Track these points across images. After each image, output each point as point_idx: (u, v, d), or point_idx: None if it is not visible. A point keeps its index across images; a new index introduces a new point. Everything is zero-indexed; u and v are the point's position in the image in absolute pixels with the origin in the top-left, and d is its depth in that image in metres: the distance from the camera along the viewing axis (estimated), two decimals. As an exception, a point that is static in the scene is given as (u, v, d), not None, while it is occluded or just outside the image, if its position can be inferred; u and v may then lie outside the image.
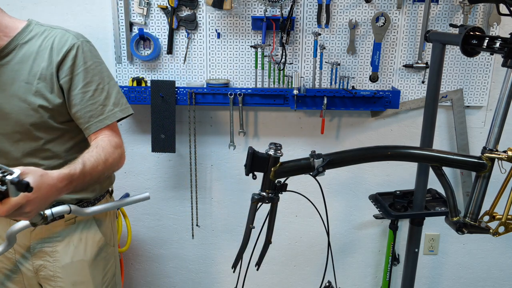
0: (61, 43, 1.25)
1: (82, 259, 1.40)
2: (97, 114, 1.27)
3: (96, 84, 1.28)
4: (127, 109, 1.36)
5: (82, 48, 1.27)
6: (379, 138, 2.14)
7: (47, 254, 1.38)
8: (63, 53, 1.24)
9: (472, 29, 1.36)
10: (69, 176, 1.08)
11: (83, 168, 1.13)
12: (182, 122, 2.11)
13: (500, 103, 1.25)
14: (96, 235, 1.43)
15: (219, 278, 2.39)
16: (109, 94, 1.31)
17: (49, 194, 1.02)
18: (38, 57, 1.24)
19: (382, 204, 1.85)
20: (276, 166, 1.22)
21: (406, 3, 1.94)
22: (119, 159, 1.28)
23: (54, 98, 1.25)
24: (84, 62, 1.26)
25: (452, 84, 2.04)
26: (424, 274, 2.36)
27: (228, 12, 1.95)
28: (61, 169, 1.08)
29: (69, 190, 1.10)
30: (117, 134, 1.32)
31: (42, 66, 1.23)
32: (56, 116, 1.27)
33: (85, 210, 1.33)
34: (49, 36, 1.26)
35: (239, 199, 2.25)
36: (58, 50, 1.24)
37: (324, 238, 1.36)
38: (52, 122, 1.27)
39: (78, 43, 1.27)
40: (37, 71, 1.23)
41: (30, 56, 1.24)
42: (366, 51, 1.99)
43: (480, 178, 1.27)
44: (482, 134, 2.11)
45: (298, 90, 1.93)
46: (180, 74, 2.04)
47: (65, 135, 1.32)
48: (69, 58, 1.24)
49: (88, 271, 1.42)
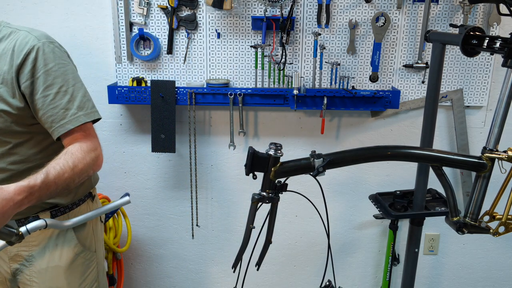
0: (21, 45, 1.18)
1: (57, 265, 1.37)
2: (59, 119, 1.21)
3: (58, 87, 1.21)
4: (94, 113, 1.28)
5: (43, 50, 1.20)
6: (379, 138, 2.14)
7: (23, 258, 1.35)
8: (22, 55, 1.17)
9: (472, 29, 1.36)
10: (28, 188, 1.04)
11: (45, 178, 1.08)
12: (182, 122, 2.11)
13: (500, 103, 1.25)
14: (72, 241, 1.39)
15: (219, 278, 2.39)
16: (73, 97, 1.23)
17: (6, 209, 0.99)
18: (1, 60, 1.19)
19: (382, 204, 1.85)
20: (276, 166, 1.22)
21: (406, 3, 1.94)
22: (93, 163, 1.23)
23: (16, 102, 1.19)
24: (44, 64, 1.20)
25: (452, 84, 2.04)
26: (424, 274, 2.36)
27: (228, 12, 1.95)
28: (19, 182, 1.04)
29: (31, 202, 1.06)
30: (90, 137, 1.26)
31: (4, 69, 1.18)
32: (20, 120, 1.23)
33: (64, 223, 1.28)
34: (13, 38, 1.20)
35: (239, 199, 2.25)
36: (18, 53, 1.18)
37: (324, 238, 1.36)
38: (16, 127, 1.23)
39: (38, 45, 1.19)
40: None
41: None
42: (366, 51, 1.99)
43: (480, 178, 1.27)
44: (482, 134, 2.11)
45: (298, 90, 1.93)
46: (180, 74, 2.04)
47: (33, 138, 1.28)
48: (29, 61, 1.18)
49: (63, 278, 1.39)
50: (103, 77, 2.06)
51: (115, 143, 2.16)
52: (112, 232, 2.06)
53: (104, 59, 2.05)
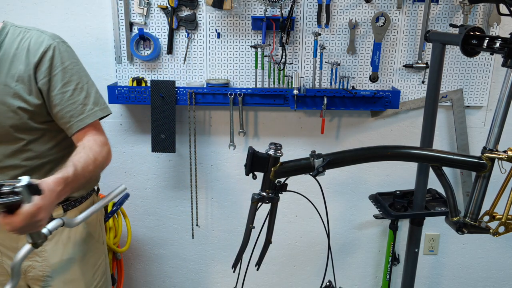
0: (37, 44, 1.24)
1: (72, 257, 1.40)
2: (78, 114, 1.27)
3: (75, 84, 1.28)
4: (106, 108, 1.36)
5: (59, 49, 1.26)
6: (379, 138, 2.14)
7: (35, 255, 1.37)
8: (39, 54, 1.23)
9: (472, 29, 1.36)
10: (63, 179, 1.09)
11: (75, 170, 1.14)
12: (182, 122, 2.11)
13: (500, 103, 1.25)
14: (84, 233, 1.43)
15: (219, 278, 2.39)
16: (88, 94, 1.30)
17: (53, 199, 1.04)
18: (15, 59, 1.23)
19: (382, 204, 1.85)
20: (276, 166, 1.22)
21: (406, 3, 1.94)
22: (107, 156, 1.30)
23: (33, 99, 1.24)
24: (61, 62, 1.26)
25: (452, 84, 2.04)
26: (424, 274, 2.36)
27: (228, 12, 1.95)
28: (54, 175, 1.08)
29: (66, 193, 1.12)
30: (101, 132, 1.33)
31: (20, 68, 1.22)
32: (36, 117, 1.27)
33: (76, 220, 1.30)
34: (25, 38, 1.25)
35: (239, 199, 2.25)
36: (35, 52, 1.23)
37: (324, 238, 1.36)
38: (32, 123, 1.27)
39: (54, 44, 1.25)
40: (15, 73, 1.22)
41: (7, 59, 1.23)
42: (366, 51, 1.99)
43: (480, 178, 1.27)
44: (482, 134, 2.11)
45: (298, 90, 1.93)
46: (180, 74, 2.03)
47: (46, 134, 1.32)
48: (46, 59, 1.23)
49: (78, 269, 1.42)
50: (103, 77, 2.06)
51: (115, 143, 2.15)
52: (112, 232, 2.06)
53: (104, 59, 2.05)
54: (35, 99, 1.24)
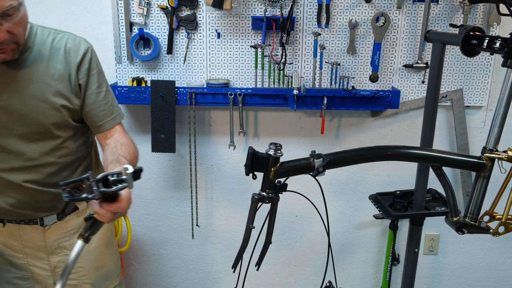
0: (75, 45, 1.31)
1: (99, 244, 1.47)
2: (109, 113, 1.38)
3: (106, 86, 1.39)
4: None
5: (93, 52, 1.37)
6: (379, 138, 2.14)
7: (65, 249, 1.41)
8: (80, 55, 1.31)
9: (472, 29, 1.36)
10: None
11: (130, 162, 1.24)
12: (182, 122, 2.11)
13: (500, 103, 1.25)
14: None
15: (219, 278, 2.39)
16: (113, 96, 1.43)
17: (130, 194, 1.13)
18: (52, 59, 1.27)
19: (382, 204, 1.85)
20: (276, 166, 1.22)
21: (406, 3, 1.94)
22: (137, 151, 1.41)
23: (74, 98, 1.31)
24: (96, 64, 1.36)
25: (452, 84, 2.04)
26: (424, 274, 2.36)
27: (228, 12, 1.95)
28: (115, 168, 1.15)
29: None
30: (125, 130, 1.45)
31: (59, 67, 1.27)
32: (74, 115, 1.33)
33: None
34: (58, 38, 1.30)
35: (239, 199, 2.25)
36: (75, 52, 1.30)
37: (324, 238, 1.36)
38: (70, 121, 1.33)
39: (90, 47, 1.36)
40: (54, 72, 1.27)
41: (43, 58, 1.26)
42: (366, 51, 1.99)
43: (480, 178, 1.27)
44: (482, 134, 2.11)
45: (298, 90, 1.93)
46: (180, 74, 2.03)
47: (78, 132, 1.38)
48: (86, 60, 1.32)
49: (106, 255, 1.51)
50: (103, 77, 2.06)
51: (115, 143, 2.15)
52: (112, 232, 2.06)
53: (104, 59, 2.02)
54: (76, 98, 1.31)
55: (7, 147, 1.26)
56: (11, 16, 1.09)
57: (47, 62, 1.26)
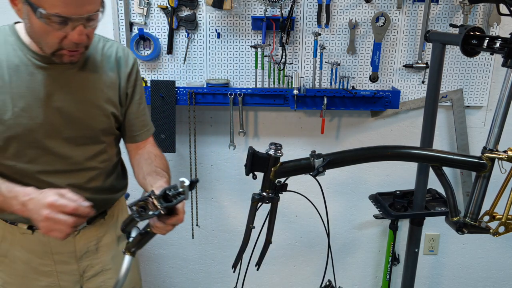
0: (125, 55, 1.33)
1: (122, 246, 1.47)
2: (146, 125, 1.41)
3: (144, 98, 1.42)
4: None
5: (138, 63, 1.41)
6: (379, 138, 2.14)
7: (93, 253, 1.40)
8: (130, 65, 1.33)
9: (472, 29, 1.36)
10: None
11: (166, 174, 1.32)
12: (182, 122, 2.11)
13: (500, 103, 1.25)
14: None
15: (219, 278, 2.39)
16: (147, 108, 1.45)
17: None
18: (104, 66, 1.28)
19: (382, 204, 1.85)
20: (276, 166, 1.22)
21: (406, 3, 1.94)
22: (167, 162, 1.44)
23: (120, 106, 1.33)
24: (140, 76, 1.39)
25: (452, 84, 2.04)
26: (424, 274, 2.36)
27: (228, 12, 1.94)
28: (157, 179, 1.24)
29: None
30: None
31: (110, 75, 1.29)
32: (118, 123, 1.35)
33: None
34: (107, 46, 1.31)
35: (239, 199, 2.25)
36: (125, 62, 1.32)
37: (324, 238, 1.36)
38: (115, 128, 1.35)
39: (136, 58, 1.38)
40: (106, 80, 1.28)
41: (96, 64, 1.27)
42: (366, 51, 1.99)
43: (480, 178, 1.27)
44: (482, 134, 2.11)
45: (298, 90, 1.93)
46: (180, 74, 2.04)
47: (116, 140, 1.40)
48: (134, 71, 1.35)
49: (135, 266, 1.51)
50: (103, 77, 2.06)
51: (115, 143, 2.15)
52: (112, 232, 2.06)
53: (104, 59, 2.04)
54: (121, 106, 1.33)
55: (54, 150, 1.24)
56: (93, 21, 1.11)
57: (100, 69, 1.27)
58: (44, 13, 1.03)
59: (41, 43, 1.12)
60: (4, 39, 1.20)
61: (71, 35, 1.08)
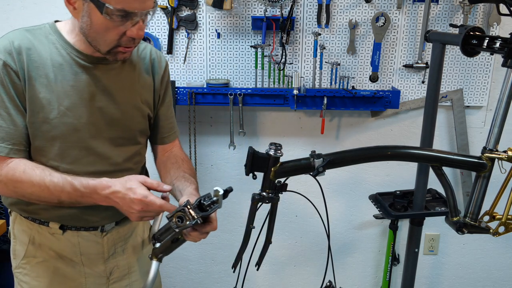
0: (158, 57, 1.34)
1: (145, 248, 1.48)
2: (174, 127, 1.43)
3: (172, 100, 1.43)
4: None
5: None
6: (379, 138, 2.14)
7: (120, 254, 1.39)
8: (163, 68, 1.34)
9: (472, 29, 1.36)
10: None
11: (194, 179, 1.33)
12: (182, 122, 2.11)
13: (500, 103, 1.25)
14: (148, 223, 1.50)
15: (219, 278, 2.39)
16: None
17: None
18: (139, 67, 1.29)
19: (382, 204, 1.85)
20: (276, 166, 1.22)
21: (406, 3, 1.94)
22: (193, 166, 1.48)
23: (154, 108, 1.35)
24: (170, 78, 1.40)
25: (452, 84, 2.04)
26: (424, 274, 2.36)
27: (228, 12, 1.95)
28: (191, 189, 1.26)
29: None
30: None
31: (146, 77, 1.30)
32: (150, 124, 1.36)
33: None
34: (141, 48, 1.31)
35: (239, 199, 2.25)
36: (159, 64, 1.33)
37: (324, 238, 1.36)
38: (148, 129, 1.36)
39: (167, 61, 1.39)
40: (142, 81, 1.29)
41: (133, 65, 1.27)
42: (366, 51, 1.99)
43: (480, 178, 1.27)
44: (482, 134, 2.11)
45: (298, 90, 1.93)
46: (180, 74, 2.04)
47: (147, 141, 1.41)
48: (167, 74, 1.36)
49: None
50: (103, 77, 2.06)
51: (115, 143, 2.15)
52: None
53: (104, 59, 2.04)
54: (153, 108, 1.35)
55: (96, 150, 1.23)
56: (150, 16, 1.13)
57: (136, 70, 1.28)
58: (111, 8, 1.04)
59: (98, 40, 1.12)
60: (46, 37, 1.20)
61: (131, 31, 1.10)
